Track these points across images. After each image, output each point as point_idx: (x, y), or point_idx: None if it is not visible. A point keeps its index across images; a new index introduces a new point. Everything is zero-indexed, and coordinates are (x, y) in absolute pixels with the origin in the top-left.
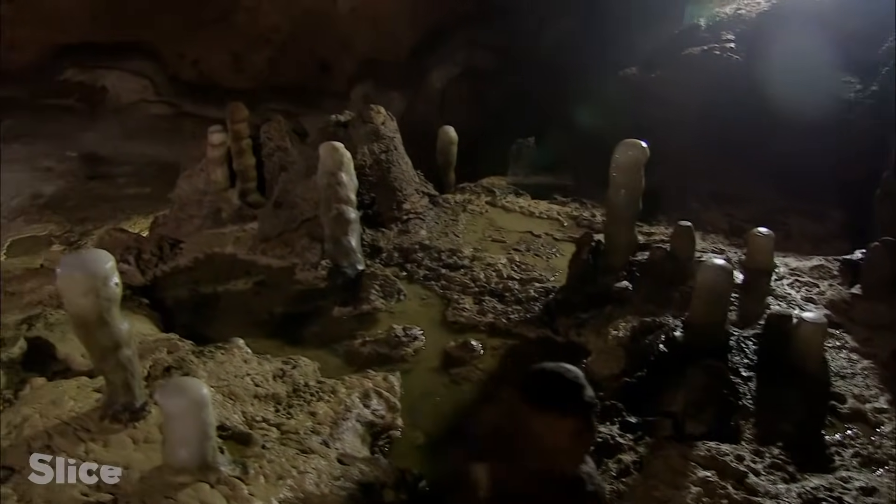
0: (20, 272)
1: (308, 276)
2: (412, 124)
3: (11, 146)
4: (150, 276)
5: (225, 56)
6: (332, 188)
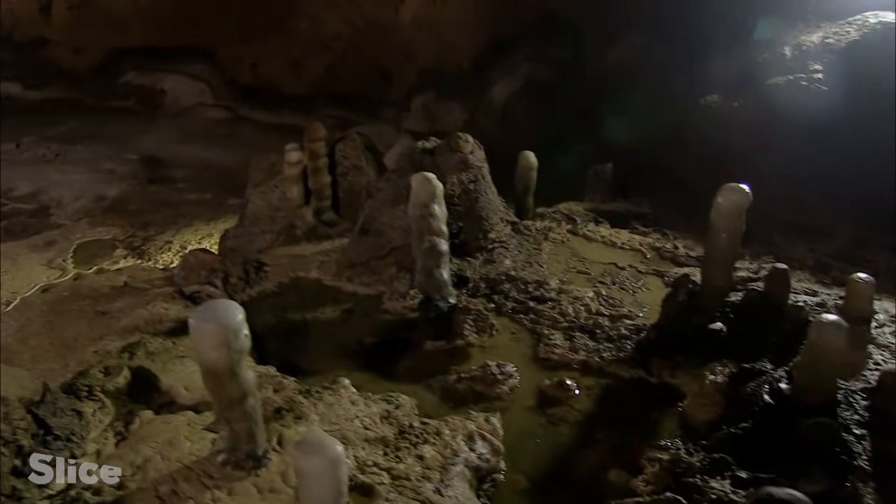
0: (107, 290)
1: (396, 306)
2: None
3: (75, 147)
4: (238, 300)
5: (283, 61)
6: (425, 220)
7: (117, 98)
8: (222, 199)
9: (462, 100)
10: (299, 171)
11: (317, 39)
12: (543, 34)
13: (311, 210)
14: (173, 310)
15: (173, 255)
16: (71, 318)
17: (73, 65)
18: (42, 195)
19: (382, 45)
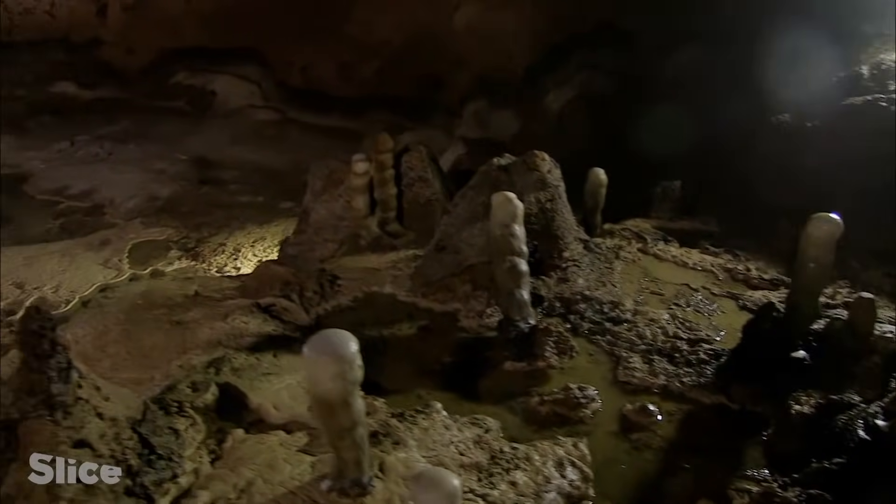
0: (180, 299)
1: (473, 324)
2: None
3: (127, 146)
4: (314, 314)
5: (334, 65)
6: (506, 239)
7: (168, 98)
8: (274, 203)
9: (515, 107)
10: (366, 182)
11: (368, 43)
12: (599, 43)
13: (375, 220)
14: (253, 324)
15: (227, 257)
16: (146, 326)
17: (126, 65)
18: (96, 194)
19: (435, 51)
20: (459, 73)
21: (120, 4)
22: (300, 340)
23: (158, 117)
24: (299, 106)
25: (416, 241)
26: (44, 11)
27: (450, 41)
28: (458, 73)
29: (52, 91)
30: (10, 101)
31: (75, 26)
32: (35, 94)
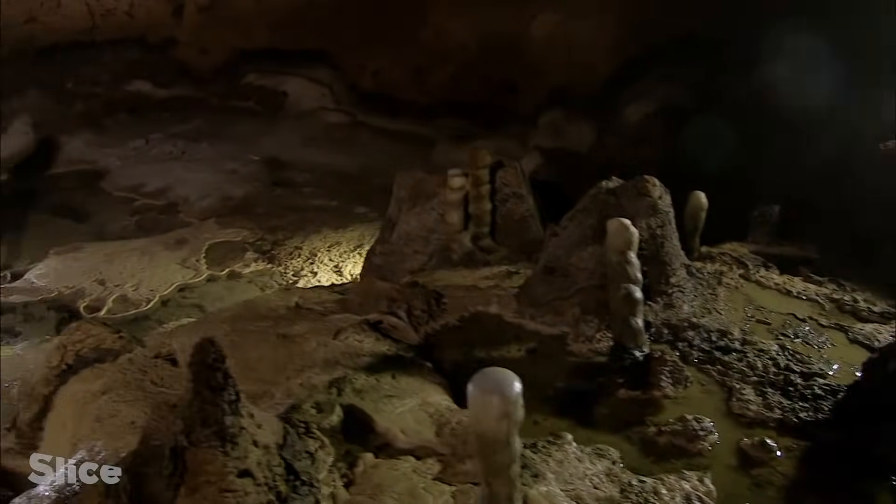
0: (283, 311)
1: (582, 349)
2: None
3: (200, 145)
4: (422, 333)
5: (406, 69)
6: (622, 267)
7: (239, 98)
8: (349, 208)
9: (592, 118)
10: (461, 197)
11: (442, 49)
12: (680, 55)
13: (469, 235)
14: (367, 343)
15: (303, 261)
16: (253, 339)
17: (199, 65)
18: (170, 192)
19: (510, 59)
20: (535, 81)
21: (195, 5)
22: (414, 361)
23: (230, 117)
24: (370, 109)
25: (509, 257)
26: (123, 12)
27: (526, 49)
28: (533, 82)
29: (129, 89)
30: (89, 99)
31: (152, 26)
32: (112, 92)
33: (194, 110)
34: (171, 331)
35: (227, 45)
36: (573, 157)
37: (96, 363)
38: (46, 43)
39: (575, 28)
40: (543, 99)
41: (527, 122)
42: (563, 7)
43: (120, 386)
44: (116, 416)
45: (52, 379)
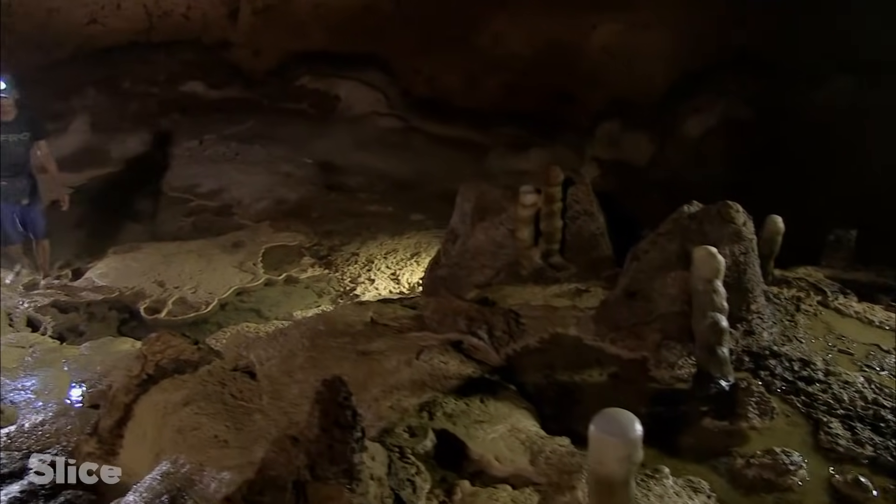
0: (359, 326)
1: (664, 375)
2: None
3: (252, 147)
4: (504, 355)
5: (460, 76)
6: (708, 295)
7: (292, 101)
8: (404, 214)
9: (650, 131)
10: (533, 214)
11: (497, 56)
12: (744, 70)
13: (539, 252)
14: (452, 364)
15: (360, 268)
16: (332, 355)
17: (252, 66)
18: (224, 193)
19: (567, 68)
20: (592, 91)
21: (251, 8)
22: (500, 384)
23: (282, 119)
24: (423, 115)
25: (578, 274)
26: (180, 14)
27: (584, 59)
28: (590, 92)
29: (183, 90)
30: (145, 99)
31: (207, 28)
32: (167, 92)
33: (247, 112)
34: (248, 343)
35: (281, 48)
36: (631, 169)
37: (176, 374)
38: (106, 44)
39: (634, 40)
40: (600, 109)
41: (583, 132)
42: (622, 19)
43: (201, 398)
44: (199, 429)
45: (133, 388)
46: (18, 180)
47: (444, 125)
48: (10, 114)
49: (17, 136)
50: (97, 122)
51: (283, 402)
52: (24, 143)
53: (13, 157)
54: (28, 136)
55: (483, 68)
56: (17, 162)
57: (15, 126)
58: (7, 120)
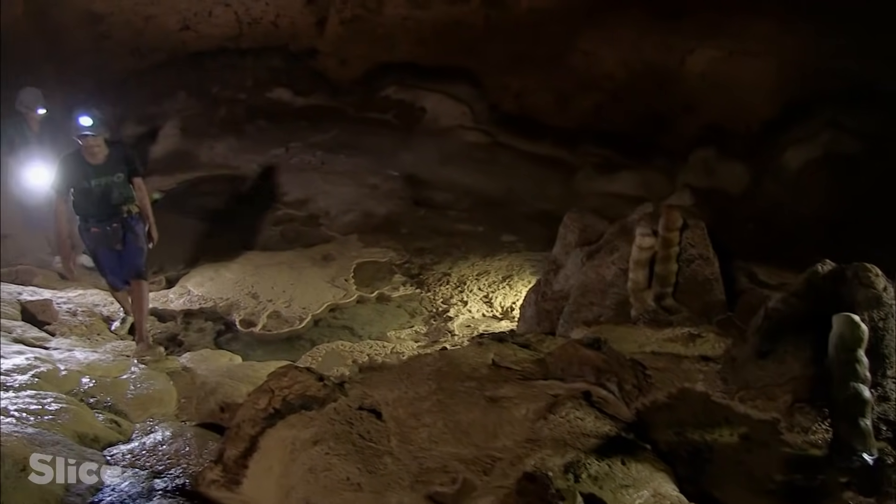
0: (484, 369)
1: (797, 440)
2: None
3: (338, 156)
4: (634, 410)
5: (550, 94)
6: (851, 366)
7: (377, 111)
8: (495, 235)
9: (747, 160)
10: (649, 256)
11: (589, 76)
12: (850, 103)
13: (652, 294)
14: (589, 421)
15: (452, 288)
16: (460, 399)
17: (339, 75)
18: (311, 203)
19: (661, 92)
20: (687, 117)
21: (339, 18)
22: (636, 443)
23: (368, 129)
24: (510, 131)
25: (691, 318)
26: (269, 22)
27: (679, 83)
28: (685, 117)
29: (269, 96)
30: (233, 104)
31: (295, 36)
32: (254, 98)
33: (331, 120)
34: (372, 381)
35: (368, 58)
36: (726, 198)
37: (303, 409)
38: (197, 49)
39: (736, 67)
40: (695, 135)
41: (675, 157)
42: (724, 45)
43: (331, 437)
44: (331, 470)
45: (260, 421)
46: (111, 225)
47: (531, 142)
48: (99, 155)
49: (110, 177)
50: (187, 126)
51: (412, 446)
52: (117, 185)
53: (106, 202)
54: (122, 177)
55: (574, 87)
56: (110, 206)
57: (105, 167)
58: (96, 162)
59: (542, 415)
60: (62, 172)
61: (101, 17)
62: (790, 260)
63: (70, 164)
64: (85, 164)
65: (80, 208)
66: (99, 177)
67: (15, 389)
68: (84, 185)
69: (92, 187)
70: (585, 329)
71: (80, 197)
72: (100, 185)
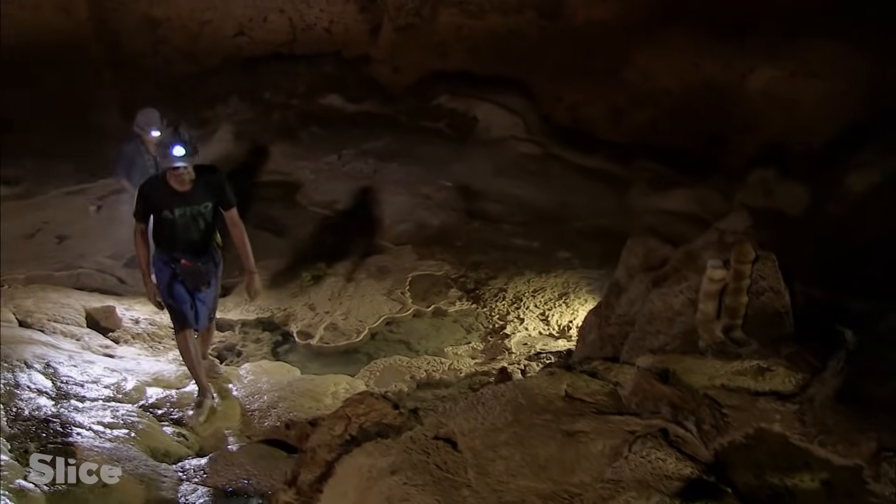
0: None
1: (884, 490)
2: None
3: (390, 165)
4: (712, 450)
5: (604, 107)
6: None
7: (429, 119)
8: (551, 251)
9: (808, 181)
10: (720, 288)
11: (644, 91)
12: None
13: (721, 326)
14: (670, 462)
15: (508, 304)
16: (537, 432)
17: (391, 82)
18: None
19: (719, 110)
20: (745, 135)
21: (392, 25)
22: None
23: (420, 137)
24: (563, 143)
25: (759, 351)
26: (323, 28)
27: (738, 101)
28: (744, 136)
29: (322, 103)
30: (286, 110)
31: (348, 43)
32: (307, 104)
33: (384, 127)
34: (448, 410)
35: (421, 65)
36: (785, 219)
37: (379, 437)
38: (250, 55)
39: (798, 87)
40: (753, 155)
41: (732, 175)
42: (786, 65)
43: (408, 467)
44: (409, 501)
45: (336, 447)
46: (201, 262)
47: (583, 155)
48: (186, 184)
49: (196, 207)
50: (240, 131)
51: (490, 479)
52: (204, 217)
53: (190, 234)
54: (210, 208)
55: (629, 101)
56: (195, 239)
57: (192, 196)
58: (182, 189)
59: (619, 451)
60: (143, 199)
61: (159, 22)
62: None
63: (152, 191)
64: (169, 191)
65: (161, 240)
66: (184, 206)
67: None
68: (167, 214)
69: (175, 217)
70: (651, 357)
71: (162, 228)
72: (184, 215)
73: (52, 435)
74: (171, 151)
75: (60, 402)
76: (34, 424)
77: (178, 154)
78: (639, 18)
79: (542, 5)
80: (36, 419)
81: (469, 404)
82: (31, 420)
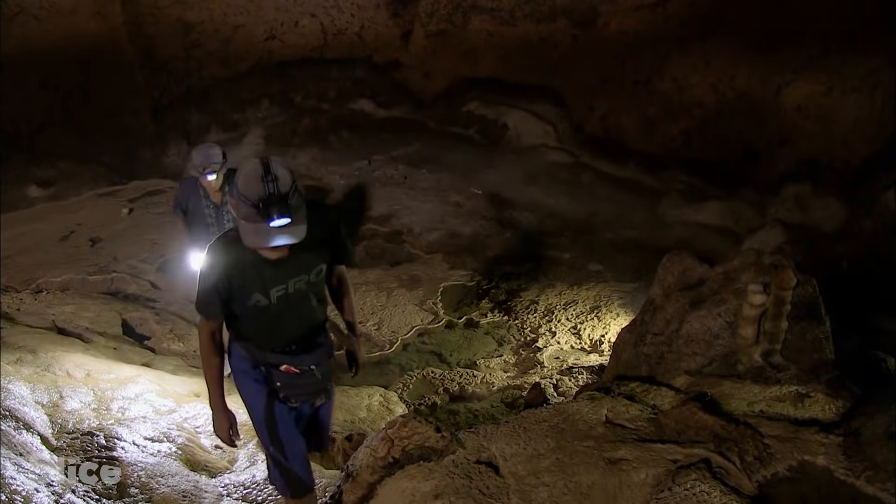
0: (601, 428)
1: None
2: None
3: (420, 171)
4: (755, 483)
5: (636, 117)
6: None
7: (459, 125)
8: (582, 262)
9: (844, 197)
10: (760, 314)
11: (677, 102)
12: None
13: (759, 350)
14: (715, 495)
15: (539, 317)
16: (580, 459)
17: (421, 88)
18: (394, 219)
19: (753, 123)
20: (779, 149)
21: (424, 31)
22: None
23: (450, 143)
24: (594, 152)
25: (798, 376)
26: (354, 33)
27: (773, 115)
28: (778, 150)
29: (352, 107)
30: (316, 114)
31: (379, 48)
32: (337, 108)
33: (414, 133)
34: (489, 433)
35: (452, 72)
36: (819, 235)
37: (421, 460)
38: (281, 59)
39: (836, 102)
40: (788, 169)
41: (765, 189)
42: (823, 80)
43: (451, 492)
44: None
45: (379, 469)
46: (314, 362)
47: (615, 165)
48: (286, 249)
49: (304, 278)
50: (270, 135)
51: None
52: (315, 289)
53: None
54: (323, 272)
55: (661, 112)
56: (304, 328)
57: (295, 264)
58: (277, 257)
59: (662, 481)
60: (214, 281)
61: (192, 25)
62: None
63: (232, 268)
64: (258, 261)
65: (249, 336)
66: (285, 280)
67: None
68: (259, 300)
69: (272, 303)
70: (688, 378)
71: (248, 319)
72: (285, 295)
73: (96, 448)
74: (269, 223)
75: (102, 415)
76: (78, 437)
77: (280, 227)
78: (673, 29)
79: (574, 14)
80: (80, 431)
81: (511, 429)
82: (76, 433)
